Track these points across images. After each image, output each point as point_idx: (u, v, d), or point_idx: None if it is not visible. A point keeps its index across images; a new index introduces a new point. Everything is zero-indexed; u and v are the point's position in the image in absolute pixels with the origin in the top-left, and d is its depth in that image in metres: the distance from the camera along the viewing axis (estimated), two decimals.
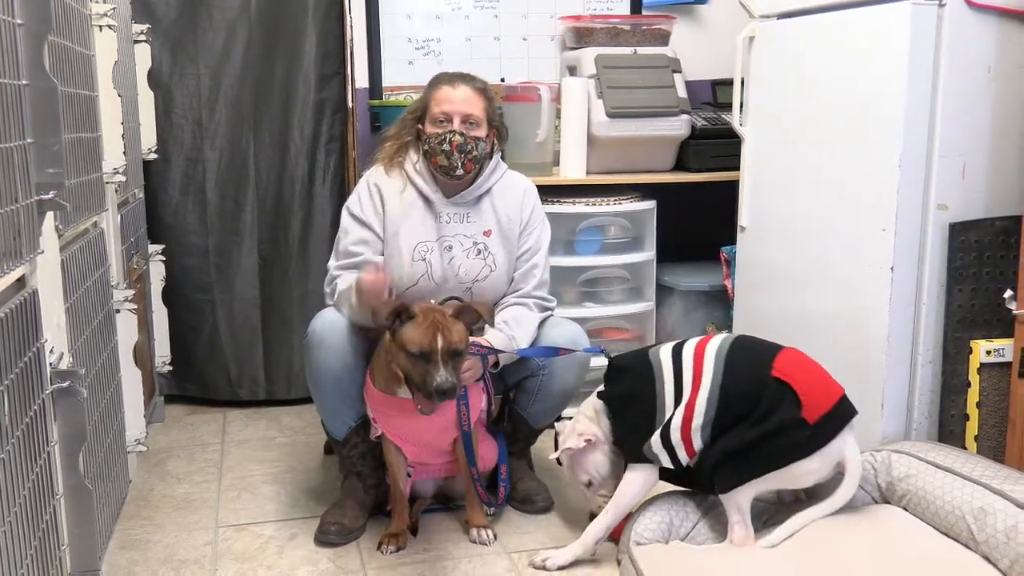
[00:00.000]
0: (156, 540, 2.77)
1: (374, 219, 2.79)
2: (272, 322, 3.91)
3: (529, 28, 4.14)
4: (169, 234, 3.82)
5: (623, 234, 3.75)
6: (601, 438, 2.64)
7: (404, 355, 2.41)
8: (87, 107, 2.37)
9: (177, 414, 3.89)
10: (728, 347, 2.49)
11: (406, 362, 2.42)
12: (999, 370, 2.68)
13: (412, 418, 2.62)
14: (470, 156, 2.75)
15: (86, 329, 2.28)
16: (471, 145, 2.74)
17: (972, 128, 2.69)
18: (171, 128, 3.76)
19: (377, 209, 2.80)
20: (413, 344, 2.39)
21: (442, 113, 2.75)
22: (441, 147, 2.73)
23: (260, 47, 3.76)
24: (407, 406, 2.60)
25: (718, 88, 4.08)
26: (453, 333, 2.42)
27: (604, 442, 2.65)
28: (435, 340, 2.38)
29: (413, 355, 2.39)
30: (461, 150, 2.73)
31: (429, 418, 2.61)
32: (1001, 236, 2.71)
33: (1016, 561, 2.18)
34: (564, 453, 2.64)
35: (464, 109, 2.75)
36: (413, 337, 2.39)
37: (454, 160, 2.74)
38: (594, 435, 2.63)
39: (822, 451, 2.36)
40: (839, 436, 2.37)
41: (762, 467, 2.36)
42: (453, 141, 2.72)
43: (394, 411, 2.63)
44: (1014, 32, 2.68)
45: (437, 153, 2.74)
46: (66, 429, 1.87)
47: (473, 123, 2.76)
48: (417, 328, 2.40)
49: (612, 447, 2.65)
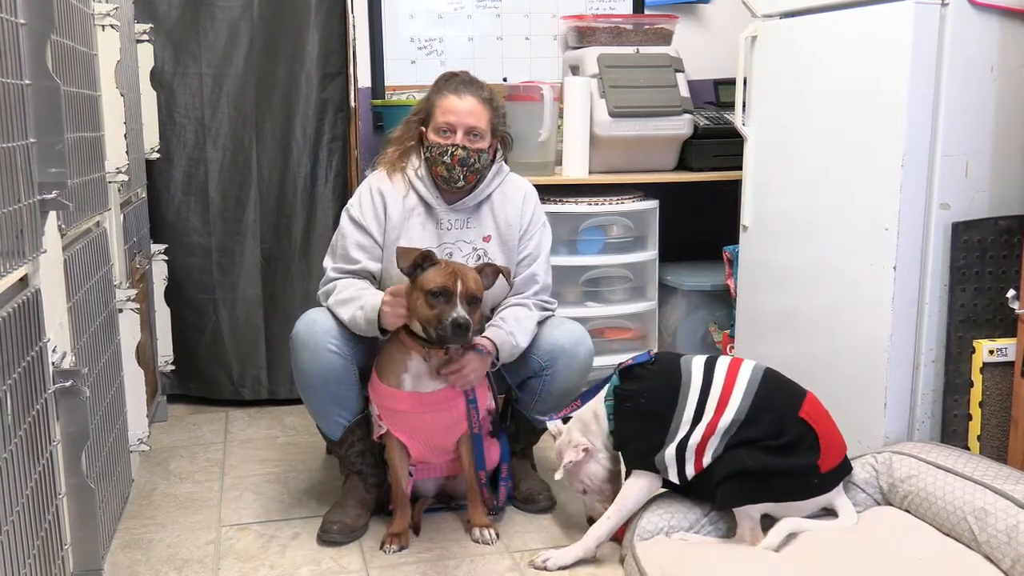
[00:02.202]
0: (159, 539, 2.77)
1: (374, 225, 2.79)
2: (274, 321, 3.91)
3: (531, 28, 4.14)
4: (172, 234, 3.82)
5: (625, 234, 3.75)
6: (596, 447, 2.65)
7: (423, 297, 2.49)
8: (89, 107, 2.37)
9: (180, 413, 3.90)
10: (761, 377, 2.51)
11: (424, 305, 2.49)
12: (1002, 370, 2.68)
13: (418, 414, 2.64)
14: (472, 169, 2.75)
15: (89, 329, 2.28)
16: (473, 158, 2.74)
17: (975, 127, 2.69)
18: (173, 128, 3.76)
19: (378, 215, 2.80)
20: (433, 283, 2.48)
21: (446, 124, 2.75)
22: (442, 159, 2.73)
23: (262, 47, 3.76)
24: (414, 400, 2.61)
25: (720, 88, 4.08)
26: (471, 279, 2.52)
27: (599, 450, 2.65)
28: (455, 281, 2.48)
29: (432, 294, 2.47)
30: (463, 163, 2.73)
31: (435, 415, 2.63)
32: (1004, 235, 2.71)
33: (1017, 561, 2.18)
34: (565, 468, 2.65)
35: (469, 122, 2.74)
36: (434, 278, 2.49)
37: (455, 173, 2.74)
38: (590, 445, 2.64)
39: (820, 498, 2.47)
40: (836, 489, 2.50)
41: (768, 496, 2.44)
42: (455, 155, 2.72)
43: (401, 406, 2.64)
44: (1017, 31, 2.68)
45: (438, 164, 2.74)
46: (69, 428, 1.87)
47: (477, 135, 2.75)
48: (438, 271, 2.50)
49: (608, 454, 2.65)
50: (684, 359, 2.60)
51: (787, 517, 2.44)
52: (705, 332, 3.95)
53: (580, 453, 2.62)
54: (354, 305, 2.64)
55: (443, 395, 2.63)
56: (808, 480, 2.43)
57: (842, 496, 2.51)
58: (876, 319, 2.75)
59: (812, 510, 2.48)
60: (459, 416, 2.67)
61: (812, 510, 2.48)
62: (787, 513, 2.45)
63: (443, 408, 2.64)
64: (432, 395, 2.63)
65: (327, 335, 2.67)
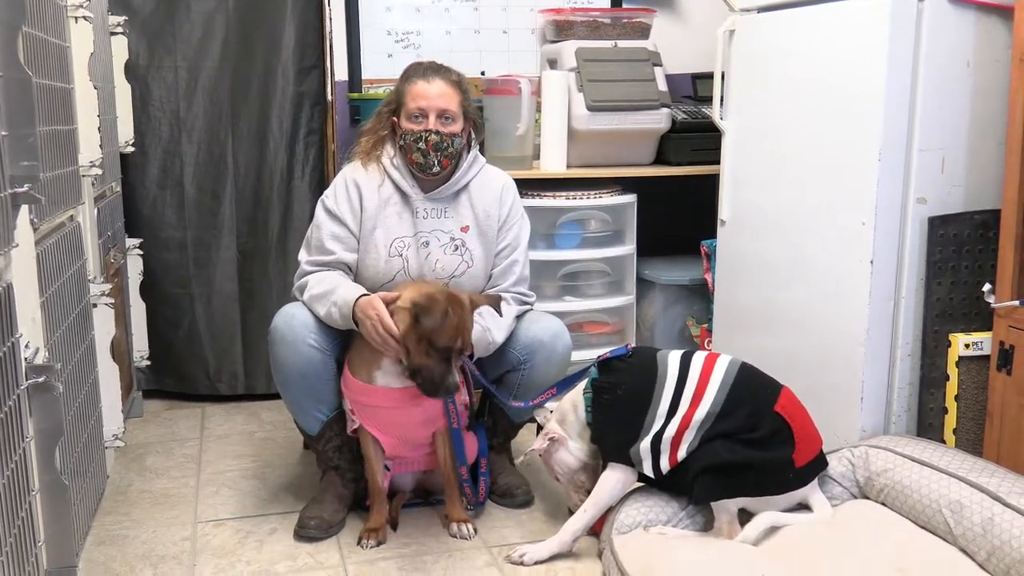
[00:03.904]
0: (134, 536, 2.75)
1: (349, 216, 2.77)
2: (251, 316, 3.89)
3: (509, 21, 4.13)
4: (147, 228, 3.79)
5: (603, 228, 3.75)
6: (567, 436, 2.66)
7: (425, 345, 2.47)
8: (62, 99, 2.35)
9: (155, 409, 3.87)
10: (736, 371, 2.52)
11: (422, 352, 2.48)
12: (977, 363, 2.70)
13: (391, 409, 2.63)
14: (446, 154, 2.74)
15: (62, 324, 2.26)
16: (447, 143, 2.73)
17: (951, 122, 2.70)
18: (148, 121, 3.73)
19: (354, 206, 2.78)
20: (441, 341, 2.46)
21: (417, 109, 2.74)
22: (417, 146, 2.72)
23: (238, 39, 3.74)
24: (386, 395, 2.61)
25: (698, 82, 4.08)
26: (467, 335, 2.54)
27: (570, 439, 2.66)
28: (457, 341, 2.48)
29: (435, 347, 2.46)
30: (437, 148, 2.72)
31: (408, 410, 2.62)
32: (980, 230, 2.73)
33: (992, 553, 2.19)
34: (530, 454, 2.67)
35: (440, 104, 2.73)
36: (443, 335, 2.46)
37: (431, 159, 2.73)
38: (558, 434, 2.65)
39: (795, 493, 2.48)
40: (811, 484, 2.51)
41: (742, 491, 2.44)
42: (429, 140, 2.71)
43: (373, 401, 2.63)
44: (992, 26, 2.69)
45: (413, 151, 2.73)
46: (42, 424, 1.85)
47: (449, 118, 2.74)
48: (448, 328, 2.47)
49: (583, 445, 2.66)
50: (661, 353, 2.61)
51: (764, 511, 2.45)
52: (683, 326, 3.96)
53: (545, 442, 2.64)
54: (327, 301, 2.63)
55: (414, 390, 2.62)
56: (783, 475, 2.44)
57: (817, 491, 2.52)
58: (853, 313, 2.77)
59: (788, 505, 2.49)
60: (432, 411, 2.66)
61: (788, 505, 2.49)
62: (763, 507, 2.46)
63: (415, 403, 2.63)
64: (404, 390, 2.61)
65: (306, 330, 2.65)
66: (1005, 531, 2.19)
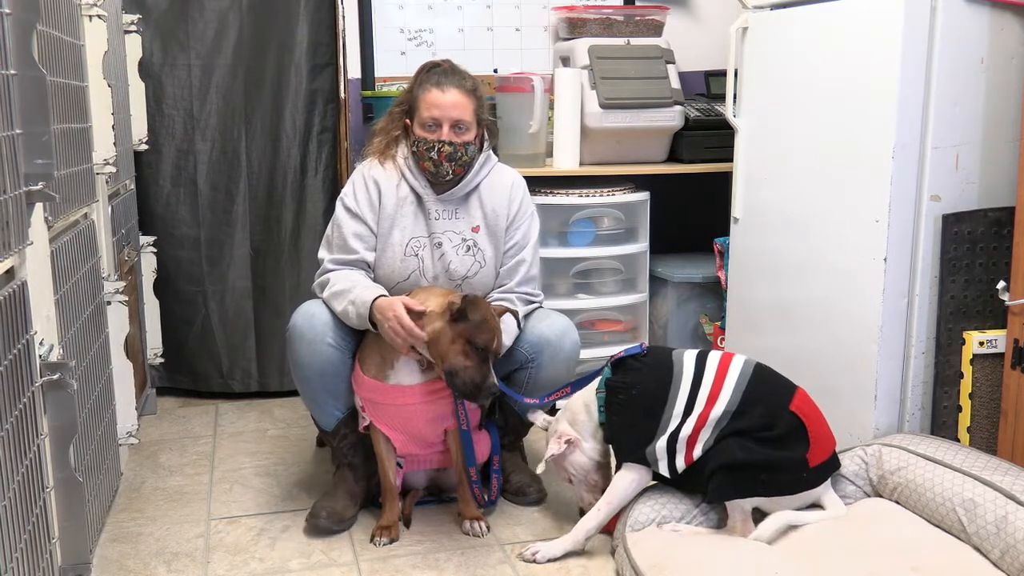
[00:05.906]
0: (148, 533, 2.76)
1: (368, 213, 2.78)
2: (264, 314, 3.90)
3: (522, 19, 4.13)
4: (160, 225, 3.80)
5: (616, 225, 3.75)
6: (582, 437, 2.65)
7: (462, 345, 2.47)
8: (76, 97, 2.36)
9: (169, 406, 3.89)
10: (752, 371, 2.52)
11: (460, 354, 2.48)
12: (992, 361, 2.69)
13: (402, 407, 2.64)
14: (459, 163, 2.74)
15: (76, 321, 2.27)
16: (460, 152, 2.73)
17: (965, 119, 2.69)
18: (162, 119, 3.74)
19: (373, 203, 2.78)
20: (481, 339, 2.47)
21: (431, 118, 2.73)
22: (430, 155, 2.72)
23: (251, 37, 3.74)
24: (398, 393, 2.61)
25: (711, 79, 4.08)
26: (500, 336, 2.55)
27: (585, 440, 2.65)
28: (495, 341, 2.49)
29: (475, 346, 2.47)
30: (451, 159, 2.72)
31: (419, 407, 2.63)
32: (994, 227, 2.71)
33: (1006, 552, 2.18)
34: (547, 461, 2.66)
35: (454, 115, 2.72)
36: (483, 332, 2.48)
37: (443, 169, 2.73)
38: (573, 436, 2.64)
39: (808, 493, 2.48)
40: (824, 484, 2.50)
41: (757, 490, 2.44)
42: (443, 152, 2.71)
43: (384, 398, 2.63)
44: (1007, 23, 2.67)
45: (425, 159, 2.73)
46: (56, 421, 1.86)
47: (463, 127, 2.74)
48: (486, 325, 2.49)
49: (596, 445, 2.65)
50: (676, 352, 2.60)
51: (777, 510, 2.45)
52: (696, 324, 3.95)
53: (563, 445, 2.63)
54: (345, 299, 2.63)
55: (426, 388, 2.62)
56: (797, 475, 2.43)
57: (830, 491, 2.51)
58: (866, 311, 2.76)
59: (801, 504, 2.48)
60: (442, 409, 2.67)
61: (801, 504, 2.48)
62: (777, 507, 2.45)
63: (426, 401, 2.63)
64: (415, 388, 2.62)
65: (326, 328, 2.66)
66: (1019, 529, 2.18)
